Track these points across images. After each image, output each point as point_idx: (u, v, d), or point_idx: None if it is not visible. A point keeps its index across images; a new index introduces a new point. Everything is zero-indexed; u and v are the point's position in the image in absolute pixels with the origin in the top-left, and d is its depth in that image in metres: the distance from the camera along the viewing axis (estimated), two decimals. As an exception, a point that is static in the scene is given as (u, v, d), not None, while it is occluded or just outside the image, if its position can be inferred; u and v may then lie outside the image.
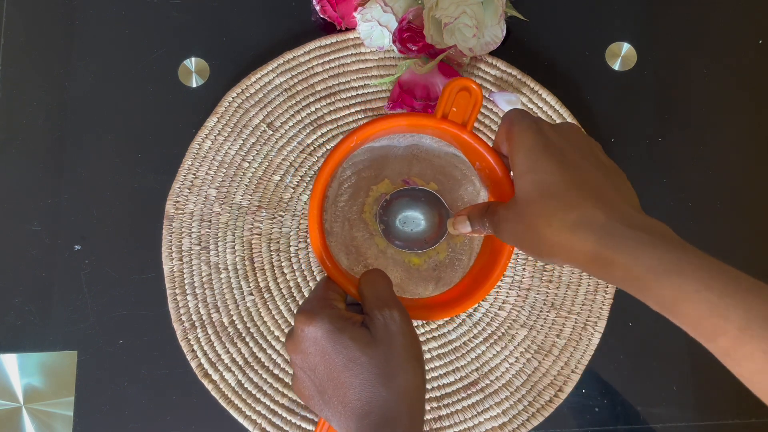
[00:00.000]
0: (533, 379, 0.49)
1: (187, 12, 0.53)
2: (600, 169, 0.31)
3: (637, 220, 0.28)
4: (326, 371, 0.33)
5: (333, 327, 0.33)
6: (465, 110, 0.39)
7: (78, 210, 0.50)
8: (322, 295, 0.36)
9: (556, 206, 0.29)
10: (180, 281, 0.49)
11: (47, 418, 0.47)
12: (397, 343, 0.33)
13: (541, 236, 0.30)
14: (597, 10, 0.55)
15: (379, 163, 0.48)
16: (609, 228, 0.28)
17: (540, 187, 0.30)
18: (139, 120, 0.52)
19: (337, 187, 0.46)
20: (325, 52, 0.52)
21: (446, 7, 0.48)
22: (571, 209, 0.29)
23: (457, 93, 0.38)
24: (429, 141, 0.44)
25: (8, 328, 0.49)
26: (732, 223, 0.52)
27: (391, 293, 0.36)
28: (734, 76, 0.54)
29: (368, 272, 0.37)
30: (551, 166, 0.30)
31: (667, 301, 0.26)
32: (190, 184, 0.50)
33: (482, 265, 0.43)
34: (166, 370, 0.48)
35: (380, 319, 0.34)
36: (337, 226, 0.46)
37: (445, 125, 0.39)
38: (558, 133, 0.32)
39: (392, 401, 0.32)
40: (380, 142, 0.45)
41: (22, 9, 0.53)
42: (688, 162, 0.53)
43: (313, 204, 0.38)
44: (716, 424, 0.49)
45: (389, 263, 0.46)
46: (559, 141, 0.32)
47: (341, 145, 0.39)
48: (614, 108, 0.53)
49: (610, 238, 0.28)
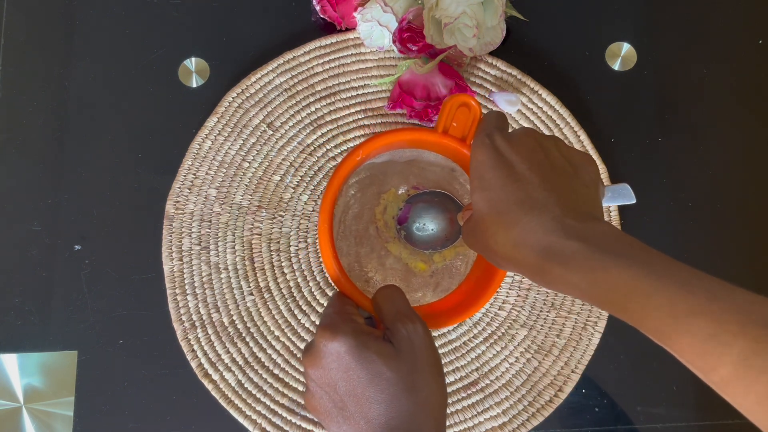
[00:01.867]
0: (533, 379, 0.49)
1: (187, 12, 0.53)
2: (550, 177, 0.32)
3: (577, 230, 0.29)
4: (348, 387, 0.32)
5: (357, 342, 0.33)
6: (465, 125, 0.39)
7: (78, 210, 0.50)
8: (340, 310, 0.36)
9: (500, 222, 0.31)
10: (180, 281, 0.49)
11: (47, 418, 0.47)
12: (421, 356, 0.33)
13: (491, 249, 0.32)
14: (597, 10, 0.55)
15: (381, 179, 0.48)
16: (546, 243, 0.29)
17: (488, 203, 0.32)
18: (139, 120, 0.52)
19: (343, 205, 0.46)
20: (325, 52, 0.52)
21: (446, 7, 0.48)
22: (513, 225, 0.30)
23: (457, 108, 0.39)
24: (428, 155, 0.45)
25: (8, 328, 0.49)
26: (732, 223, 0.52)
27: (410, 307, 0.36)
28: (734, 76, 0.54)
29: (384, 288, 0.37)
30: (497, 182, 0.32)
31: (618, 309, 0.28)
32: (190, 184, 0.50)
33: (482, 270, 0.43)
34: (166, 370, 0.48)
35: (404, 332, 0.34)
36: (344, 244, 0.46)
37: (446, 140, 0.40)
38: (510, 143, 0.33)
39: (417, 415, 0.32)
40: (381, 158, 0.45)
41: (22, 9, 0.53)
42: (688, 162, 0.53)
43: (322, 225, 0.38)
44: (716, 424, 0.49)
45: (388, 273, 0.47)
46: (509, 154, 0.32)
47: (347, 161, 0.39)
48: (614, 108, 0.53)
49: (548, 253, 0.29)
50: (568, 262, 0.28)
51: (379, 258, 0.47)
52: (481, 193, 0.32)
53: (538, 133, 0.34)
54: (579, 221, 0.30)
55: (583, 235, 0.29)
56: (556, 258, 0.29)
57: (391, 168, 0.48)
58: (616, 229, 0.29)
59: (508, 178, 0.31)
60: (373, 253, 0.47)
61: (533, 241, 0.30)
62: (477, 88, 0.52)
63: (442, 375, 0.34)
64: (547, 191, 0.31)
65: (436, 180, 0.48)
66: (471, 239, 0.35)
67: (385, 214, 0.48)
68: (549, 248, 0.29)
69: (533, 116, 0.51)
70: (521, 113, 0.51)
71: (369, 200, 0.48)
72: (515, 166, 0.32)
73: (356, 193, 0.48)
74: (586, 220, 0.30)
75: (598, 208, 0.33)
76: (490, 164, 0.32)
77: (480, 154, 0.33)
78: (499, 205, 0.31)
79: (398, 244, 0.48)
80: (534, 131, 0.34)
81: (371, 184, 0.48)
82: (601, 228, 0.29)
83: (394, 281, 0.46)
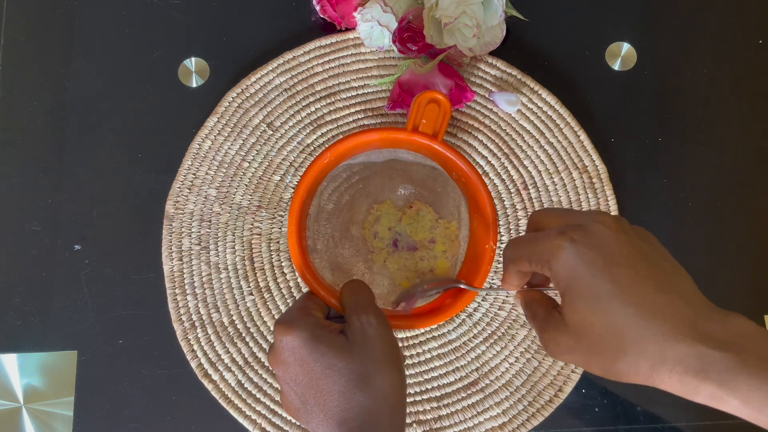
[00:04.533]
0: (533, 379, 0.49)
1: (187, 12, 0.53)
2: (657, 275, 0.28)
3: (718, 335, 0.26)
4: (306, 380, 0.33)
5: (310, 335, 0.33)
6: (435, 121, 0.40)
7: (78, 210, 0.50)
8: (300, 306, 0.36)
9: (621, 347, 0.27)
10: (180, 281, 0.49)
11: (47, 418, 0.47)
12: (374, 347, 0.33)
13: (614, 372, 0.28)
14: (597, 10, 0.55)
15: (360, 180, 0.48)
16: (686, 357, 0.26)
17: (596, 321, 0.27)
18: (139, 120, 0.52)
19: (318, 204, 0.46)
20: (325, 52, 0.52)
21: (446, 7, 0.48)
22: (640, 346, 0.26)
23: (426, 105, 0.39)
24: (405, 155, 0.45)
25: (8, 328, 0.49)
26: (732, 223, 0.52)
27: (370, 300, 0.36)
28: (734, 76, 0.54)
29: (349, 282, 0.37)
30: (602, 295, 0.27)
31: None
32: (190, 184, 0.50)
33: (465, 274, 0.43)
34: (166, 370, 0.48)
35: (357, 323, 0.34)
36: (320, 244, 0.46)
37: (416, 137, 0.40)
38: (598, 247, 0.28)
39: (371, 406, 0.32)
40: (357, 159, 0.45)
41: (22, 9, 0.53)
42: (688, 162, 0.53)
43: (291, 221, 0.39)
44: (716, 424, 0.49)
45: (375, 278, 0.47)
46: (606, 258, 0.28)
47: (315, 163, 0.40)
48: (614, 108, 0.53)
49: (692, 369, 0.25)
50: (722, 380, 0.25)
51: (366, 262, 0.47)
52: (588, 305, 0.27)
53: (619, 222, 0.29)
54: (714, 321, 0.26)
55: (727, 340, 0.25)
56: (705, 372, 0.25)
57: (371, 168, 0.48)
58: (755, 325, 0.27)
59: (616, 284, 0.27)
60: (359, 256, 0.47)
61: (673, 354, 0.26)
62: (477, 88, 0.52)
63: (398, 365, 0.34)
64: (665, 292, 0.27)
65: (420, 179, 0.47)
66: (569, 352, 0.29)
67: (376, 224, 0.48)
68: (693, 361, 0.25)
69: (533, 116, 0.51)
70: (521, 113, 0.51)
71: (346, 203, 0.48)
72: (618, 270, 0.27)
73: (332, 194, 0.48)
74: (719, 317, 0.27)
75: (698, 291, 0.29)
76: (585, 272, 0.27)
77: (568, 261, 0.28)
78: (617, 316, 0.27)
79: (383, 256, 0.48)
80: (612, 219, 0.29)
81: (348, 186, 0.48)
82: (741, 325, 0.26)
83: (383, 285, 0.46)
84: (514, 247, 0.32)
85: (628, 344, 0.27)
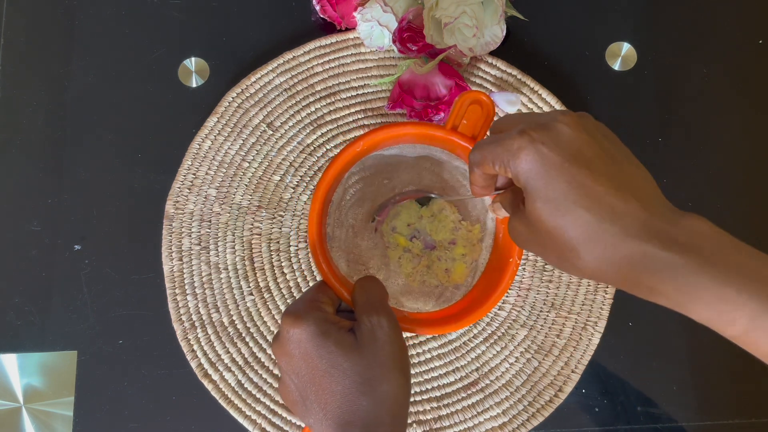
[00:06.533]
0: (533, 379, 0.49)
1: (187, 12, 0.53)
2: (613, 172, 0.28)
3: (668, 234, 0.26)
4: (309, 376, 0.32)
5: (318, 330, 0.32)
6: (476, 123, 0.38)
7: (78, 210, 0.50)
8: (311, 297, 0.35)
9: (575, 237, 0.27)
10: (180, 281, 0.49)
11: (47, 418, 0.47)
12: (382, 350, 0.32)
13: (568, 262, 0.28)
14: (597, 10, 0.55)
15: (388, 173, 0.47)
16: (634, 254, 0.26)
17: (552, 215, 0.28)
18: (139, 120, 0.52)
19: (342, 192, 0.45)
20: (325, 52, 0.52)
21: (446, 7, 0.48)
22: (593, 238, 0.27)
23: (469, 106, 0.38)
24: (440, 154, 0.44)
25: (8, 328, 0.49)
26: (732, 223, 0.52)
27: (383, 301, 0.35)
28: (734, 75, 0.54)
29: (363, 278, 0.36)
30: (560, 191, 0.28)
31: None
32: (190, 184, 0.50)
33: (484, 285, 0.42)
34: (166, 370, 0.48)
35: (367, 324, 0.33)
36: (340, 232, 0.46)
37: (454, 137, 0.39)
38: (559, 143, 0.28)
39: (374, 411, 0.31)
40: (390, 150, 0.44)
41: (22, 9, 0.53)
42: (688, 162, 0.53)
43: (314, 204, 0.38)
44: (716, 424, 0.49)
45: (391, 275, 0.46)
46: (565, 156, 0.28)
47: (347, 150, 0.38)
48: (614, 108, 0.53)
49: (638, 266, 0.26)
50: (664, 277, 0.26)
51: (383, 257, 0.47)
52: (544, 205, 0.28)
53: (582, 120, 0.30)
54: (665, 221, 0.27)
55: (677, 240, 0.26)
56: (649, 271, 0.26)
57: (402, 162, 0.46)
58: (711, 226, 0.27)
59: (571, 184, 0.27)
60: (376, 249, 0.47)
61: (620, 254, 0.26)
62: (477, 88, 0.52)
63: (405, 371, 0.33)
64: (620, 191, 0.27)
65: (450, 180, 0.46)
66: (527, 243, 0.31)
67: (395, 219, 0.47)
68: (639, 261, 0.26)
69: (533, 116, 0.51)
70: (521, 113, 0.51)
71: (370, 194, 0.47)
72: (574, 170, 0.27)
73: (358, 182, 0.47)
74: (673, 218, 0.27)
75: (658, 191, 0.29)
76: (542, 172, 0.28)
77: (527, 161, 0.28)
78: (568, 217, 0.27)
79: (398, 252, 0.47)
80: (574, 117, 0.29)
81: (375, 176, 0.47)
82: (694, 225, 0.27)
83: (397, 284, 0.46)
84: (478, 149, 0.32)
85: (577, 243, 0.27)
